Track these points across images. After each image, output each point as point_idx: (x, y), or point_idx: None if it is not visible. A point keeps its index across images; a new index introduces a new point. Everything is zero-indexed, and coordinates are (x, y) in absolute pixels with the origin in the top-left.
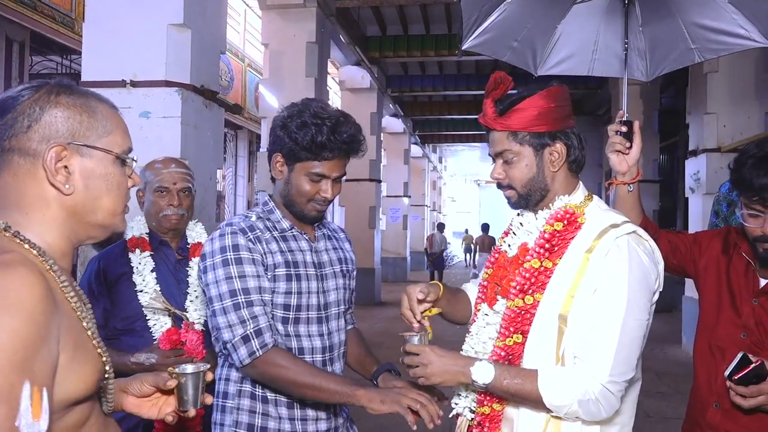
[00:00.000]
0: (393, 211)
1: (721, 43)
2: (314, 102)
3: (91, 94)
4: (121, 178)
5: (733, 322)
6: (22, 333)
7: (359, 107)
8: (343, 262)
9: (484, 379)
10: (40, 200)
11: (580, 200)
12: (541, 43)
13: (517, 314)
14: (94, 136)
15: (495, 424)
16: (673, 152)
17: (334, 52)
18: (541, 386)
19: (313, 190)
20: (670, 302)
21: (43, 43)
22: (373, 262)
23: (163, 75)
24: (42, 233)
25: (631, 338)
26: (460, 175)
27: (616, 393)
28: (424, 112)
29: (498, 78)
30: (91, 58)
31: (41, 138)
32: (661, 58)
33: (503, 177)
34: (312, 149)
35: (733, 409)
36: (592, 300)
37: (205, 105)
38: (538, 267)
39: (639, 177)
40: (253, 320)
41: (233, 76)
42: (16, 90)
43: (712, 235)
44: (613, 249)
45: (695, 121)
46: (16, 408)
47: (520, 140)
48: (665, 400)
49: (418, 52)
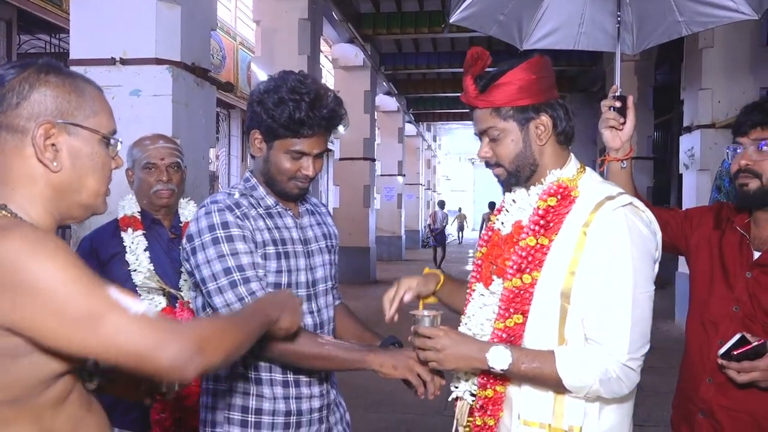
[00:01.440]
0: (387, 190)
1: (709, 15)
2: (292, 75)
3: (78, 75)
4: (105, 159)
5: (726, 296)
6: (68, 262)
7: (353, 85)
8: (327, 238)
9: (502, 365)
10: (27, 177)
11: (572, 173)
12: (527, 17)
13: (516, 294)
14: (81, 115)
15: (497, 405)
16: (668, 129)
17: (326, 29)
18: (560, 368)
19: (293, 168)
20: (663, 278)
21: (31, 22)
22: (367, 241)
23: (153, 52)
24: (27, 209)
25: (642, 311)
26: (454, 154)
27: (636, 368)
28: (418, 90)
29: (475, 54)
30: (79, 35)
31: (30, 115)
32: (649, 32)
33: (491, 155)
34: (291, 126)
35: (726, 384)
36: (598, 277)
37: (196, 83)
38: (534, 245)
39: (632, 154)
40: (252, 297)
41: (225, 54)
42: (2, 69)
43: (704, 211)
44: (611, 222)
45: (690, 97)
46: (121, 305)
47: (503, 116)
48: (658, 375)
49: (412, 29)
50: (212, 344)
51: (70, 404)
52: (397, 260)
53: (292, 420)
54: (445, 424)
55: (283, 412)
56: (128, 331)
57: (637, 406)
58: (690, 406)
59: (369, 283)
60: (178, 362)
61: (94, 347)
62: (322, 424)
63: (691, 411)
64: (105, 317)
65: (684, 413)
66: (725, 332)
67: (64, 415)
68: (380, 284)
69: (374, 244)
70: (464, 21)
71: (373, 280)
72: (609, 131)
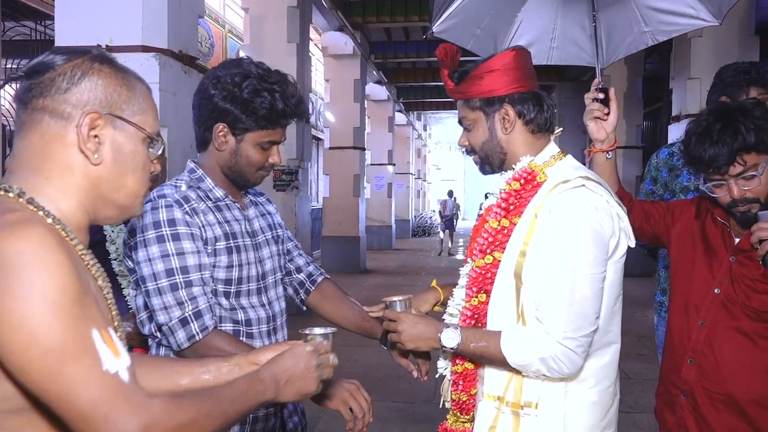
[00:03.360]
0: (377, 179)
1: (672, 24)
2: (250, 65)
3: (130, 71)
4: (146, 160)
5: (708, 280)
6: (66, 286)
7: (342, 74)
8: (272, 228)
9: (452, 344)
10: (65, 165)
11: (544, 160)
12: (502, 32)
13: (479, 274)
14: (129, 110)
15: (469, 382)
16: (657, 118)
17: (316, 17)
18: (503, 347)
19: (263, 159)
20: (650, 267)
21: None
22: (358, 231)
23: (140, 40)
24: (59, 200)
25: (584, 293)
26: (444, 143)
27: (575, 349)
28: (408, 79)
29: (444, 50)
30: (64, 22)
31: (77, 102)
32: (617, 44)
33: (466, 144)
34: (270, 118)
35: (707, 365)
36: (542, 257)
37: (184, 71)
38: (497, 227)
39: (616, 145)
40: (191, 302)
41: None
42: (51, 54)
43: (685, 204)
44: (558, 204)
45: (678, 87)
46: (97, 356)
47: (472, 107)
48: (645, 362)
49: (402, 17)
50: None
51: None
52: (387, 249)
53: (249, 415)
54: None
55: None
56: (90, 386)
57: (624, 393)
58: (672, 389)
59: (359, 272)
60: None
61: (46, 384)
62: (277, 418)
63: (674, 394)
64: (75, 361)
65: (667, 398)
66: (706, 314)
67: None
68: (370, 273)
69: (364, 234)
70: (444, 33)
71: (363, 269)
72: (593, 122)
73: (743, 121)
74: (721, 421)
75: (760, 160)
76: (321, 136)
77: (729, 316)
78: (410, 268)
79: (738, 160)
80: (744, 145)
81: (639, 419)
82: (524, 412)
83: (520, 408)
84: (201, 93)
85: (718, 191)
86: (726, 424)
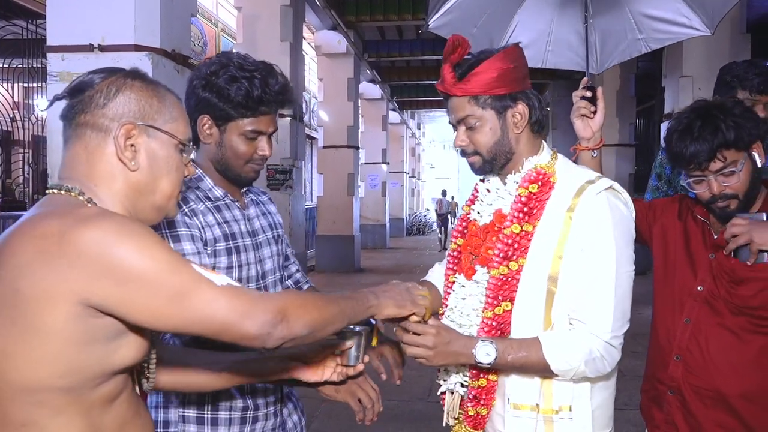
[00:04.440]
0: (371, 178)
1: (666, 32)
2: (233, 55)
3: (160, 84)
4: (179, 164)
5: (690, 278)
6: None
7: (336, 73)
8: (273, 228)
9: (488, 360)
10: (108, 174)
11: (547, 160)
12: (498, 32)
13: (503, 281)
14: (161, 120)
15: (491, 395)
16: (650, 116)
17: (309, 15)
18: (547, 354)
19: (250, 150)
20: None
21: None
22: (352, 229)
23: (132, 39)
24: (109, 205)
25: (624, 291)
26: (438, 142)
27: (618, 346)
28: (402, 77)
29: (455, 41)
30: (56, 22)
31: (114, 115)
32: (611, 50)
33: (467, 144)
34: (248, 105)
35: (693, 362)
36: (582, 259)
37: (176, 70)
38: (519, 231)
39: (602, 144)
40: None
41: (207, 41)
42: (90, 74)
43: (667, 202)
44: (595, 206)
45: (671, 85)
46: (205, 280)
47: (482, 104)
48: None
49: (395, 15)
50: (295, 314)
51: (119, 404)
52: (381, 248)
53: (249, 415)
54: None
55: (240, 407)
56: (217, 302)
57: (619, 390)
58: (659, 386)
59: (353, 271)
60: (263, 330)
61: (184, 320)
62: (277, 417)
63: (661, 391)
64: (194, 291)
65: (653, 395)
66: (690, 311)
67: (112, 414)
68: (365, 272)
69: (358, 233)
70: (440, 29)
71: (357, 268)
72: (580, 120)
73: (723, 119)
74: (709, 417)
75: (739, 157)
76: (315, 135)
77: (713, 313)
78: (405, 267)
79: (718, 156)
80: (724, 141)
81: (633, 416)
82: (559, 417)
83: (555, 413)
84: (187, 87)
85: (698, 187)
86: (714, 420)
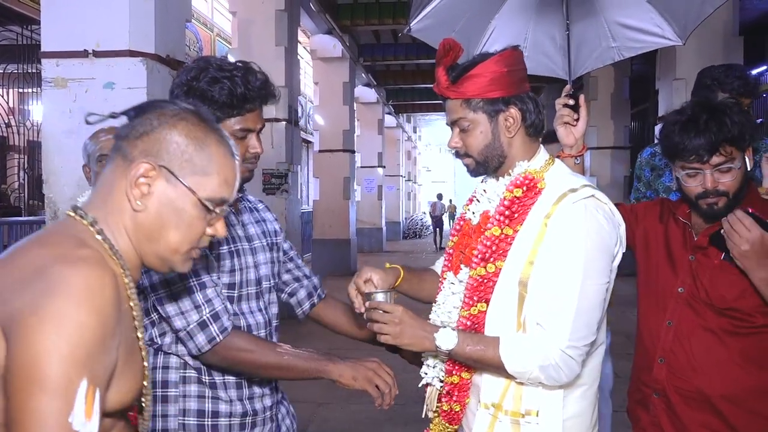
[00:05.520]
0: (367, 182)
1: (639, 41)
2: (211, 58)
3: (217, 134)
4: (196, 221)
5: (672, 280)
6: (89, 330)
7: (331, 77)
8: (268, 235)
9: (448, 345)
10: (118, 206)
11: (540, 165)
12: (475, 36)
13: (480, 283)
14: (188, 169)
15: (463, 392)
16: (644, 118)
17: (304, 20)
18: (502, 353)
19: (242, 150)
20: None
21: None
22: (348, 233)
23: (127, 45)
24: (117, 237)
25: (590, 303)
26: (434, 145)
27: (576, 357)
28: (398, 81)
29: (447, 44)
30: (50, 27)
31: (143, 149)
32: (585, 57)
33: (460, 145)
34: (233, 103)
35: (677, 364)
36: (551, 266)
37: (171, 75)
38: (499, 234)
39: (585, 151)
40: (208, 304)
41: (202, 46)
42: (155, 101)
43: (648, 206)
44: (569, 213)
45: (664, 87)
46: (71, 404)
47: (474, 107)
48: None
49: (390, 19)
50: None
51: None
52: (378, 252)
53: (248, 420)
54: None
55: (239, 414)
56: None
57: (614, 392)
58: (644, 388)
59: (350, 275)
60: None
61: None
62: (273, 422)
63: (646, 393)
64: (49, 397)
65: (638, 397)
66: (672, 313)
67: None
68: None
69: (355, 236)
70: (419, 33)
71: (354, 272)
72: (563, 128)
73: (729, 115)
74: (694, 418)
75: (738, 156)
76: (310, 139)
77: (694, 314)
78: None
79: (721, 150)
80: (729, 136)
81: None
82: (525, 421)
83: (521, 416)
84: (169, 98)
85: (691, 181)
86: (699, 421)
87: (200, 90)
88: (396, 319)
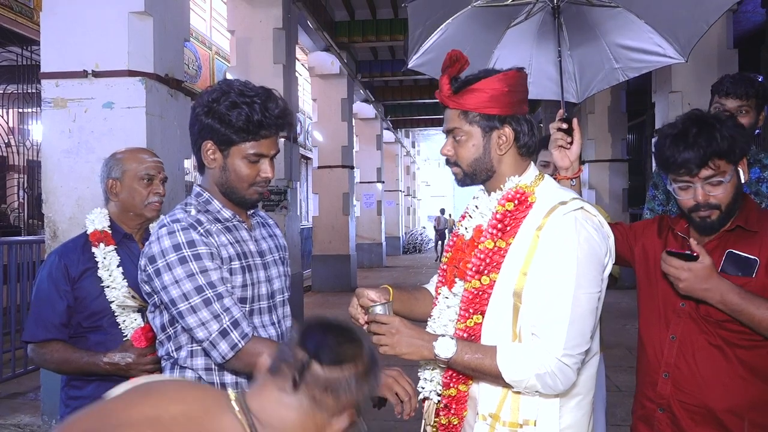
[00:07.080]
0: (367, 197)
1: (641, 61)
2: (234, 82)
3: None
4: None
5: (673, 295)
6: None
7: (329, 93)
8: (279, 249)
9: (446, 354)
10: None
11: (530, 180)
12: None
13: (475, 295)
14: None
15: (461, 404)
16: (641, 131)
17: (302, 38)
18: (500, 361)
19: (253, 173)
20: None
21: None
22: (348, 249)
23: (126, 64)
24: None
25: (582, 311)
26: (433, 159)
27: (572, 366)
28: (396, 96)
29: (454, 56)
30: (50, 48)
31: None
32: (590, 79)
33: (452, 154)
34: (249, 129)
35: (682, 379)
36: (544, 276)
37: (170, 94)
38: (492, 247)
39: (580, 172)
40: (227, 313)
41: (201, 64)
42: None
43: (647, 223)
44: (560, 225)
45: (661, 100)
46: None
47: (470, 120)
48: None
49: (387, 36)
50: None
51: None
52: (378, 267)
53: None
54: None
55: None
56: None
57: (616, 406)
58: (648, 404)
59: (350, 290)
60: None
61: None
62: None
63: (650, 409)
64: None
65: (642, 414)
66: (675, 328)
67: None
68: None
69: (354, 252)
70: (420, 68)
71: (354, 287)
72: (558, 151)
73: (719, 129)
74: None
75: (728, 169)
76: (309, 155)
77: (697, 329)
78: None
79: (710, 164)
80: (717, 150)
81: None
82: (523, 431)
83: (519, 426)
84: (191, 115)
85: (684, 194)
86: None
87: (219, 113)
88: (393, 329)
